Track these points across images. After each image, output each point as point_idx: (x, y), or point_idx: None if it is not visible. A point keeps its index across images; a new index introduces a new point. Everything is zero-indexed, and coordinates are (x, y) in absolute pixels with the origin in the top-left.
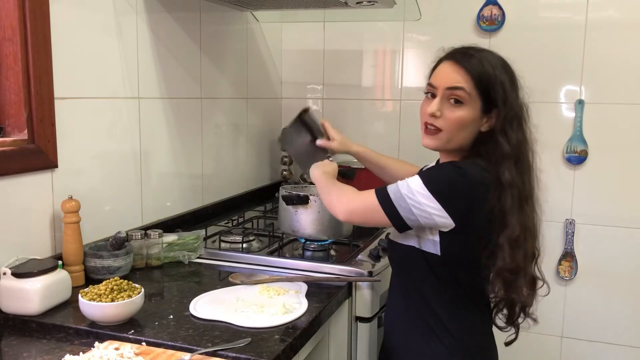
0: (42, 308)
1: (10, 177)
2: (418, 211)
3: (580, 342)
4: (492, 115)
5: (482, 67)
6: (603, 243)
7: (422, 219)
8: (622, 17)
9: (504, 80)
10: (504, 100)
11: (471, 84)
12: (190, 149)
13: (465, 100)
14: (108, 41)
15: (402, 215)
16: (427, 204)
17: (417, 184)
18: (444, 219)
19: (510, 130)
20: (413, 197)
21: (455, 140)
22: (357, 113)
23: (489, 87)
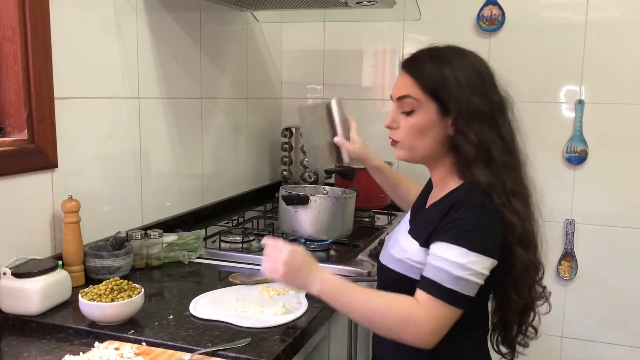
0: (42, 308)
1: (10, 177)
2: (480, 279)
3: (580, 342)
4: (451, 117)
5: (427, 69)
6: (603, 243)
7: (483, 277)
8: (622, 17)
9: (457, 77)
10: (457, 99)
11: (417, 89)
12: (190, 149)
13: (415, 106)
14: (108, 41)
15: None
16: (486, 267)
17: (460, 253)
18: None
19: (469, 130)
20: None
21: (419, 148)
22: (357, 113)
23: (438, 88)
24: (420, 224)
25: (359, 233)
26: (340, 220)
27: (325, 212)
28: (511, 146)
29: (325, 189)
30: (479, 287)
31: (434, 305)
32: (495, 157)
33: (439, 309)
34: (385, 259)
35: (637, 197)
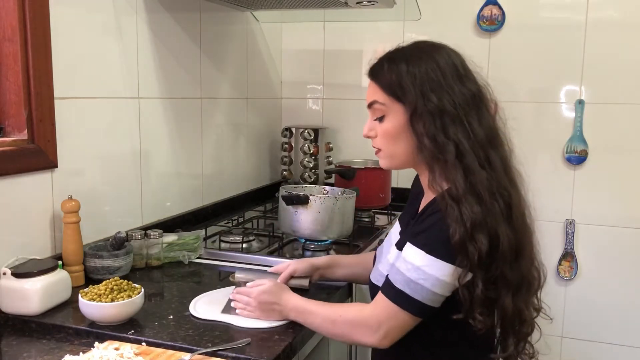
0: (42, 308)
1: (10, 177)
2: (440, 290)
3: (580, 342)
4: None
5: (384, 71)
6: (603, 243)
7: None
8: (622, 17)
9: (413, 74)
10: (414, 97)
11: (381, 93)
12: (190, 149)
13: (384, 111)
14: (108, 41)
15: (426, 304)
16: (443, 274)
17: (420, 257)
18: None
19: (426, 128)
20: (427, 280)
21: (398, 154)
22: (357, 113)
23: (396, 89)
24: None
25: (358, 233)
26: (340, 220)
27: (325, 212)
28: (486, 143)
29: (325, 189)
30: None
31: (384, 304)
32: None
33: (388, 309)
34: (375, 277)
35: (637, 197)
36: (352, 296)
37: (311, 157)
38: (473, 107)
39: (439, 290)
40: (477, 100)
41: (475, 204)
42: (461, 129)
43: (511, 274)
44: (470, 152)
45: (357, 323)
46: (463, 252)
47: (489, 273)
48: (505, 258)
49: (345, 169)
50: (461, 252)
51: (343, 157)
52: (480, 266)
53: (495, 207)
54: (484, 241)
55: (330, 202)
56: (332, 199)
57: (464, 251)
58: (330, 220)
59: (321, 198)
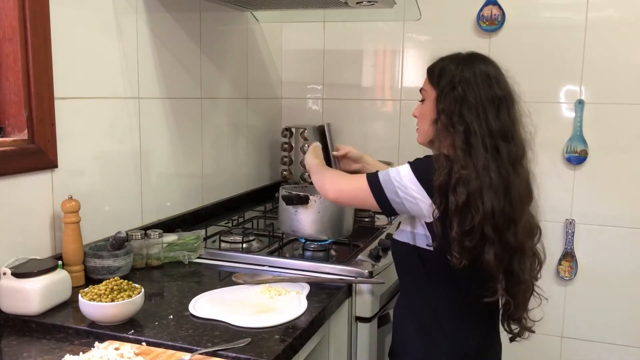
0: (42, 308)
1: (10, 177)
2: (403, 194)
3: (580, 342)
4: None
5: (437, 64)
6: (603, 243)
7: (407, 202)
8: (622, 17)
9: (454, 70)
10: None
11: (427, 81)
12: (190, 149)
13: (424, 96)
14: (108, 41)
15: (388, 197)
16: (412, 188)
17: (405, 169)
18: (427, 205)
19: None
20: (400, 180)
21: (425, 129)
22: (357, 113)
23: (436, 78)
24: None
25: (358, 233)
26: (340, 220)
27: (325, 212)
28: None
29: None
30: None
31: (360, 177)
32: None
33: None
34: (395, 232)
35: (637, 197)
36: (352, 296)
37: None
38: (493, 106)
39: (402, 195)
40: (498, 102)
41: (467, 169)
42: (476, 118)
43: (497, 236)
44: (479, 136)
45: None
46: (441, 194)
47: (464, 224)
48: (488, 219)
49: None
50: (439, 193)
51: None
52: (456, 213)
53: (486, 179)
54: (463, 196)
55: (330, 202)
56: None
57: (443, 194)
58: (330, 220)
59: (321, 198)
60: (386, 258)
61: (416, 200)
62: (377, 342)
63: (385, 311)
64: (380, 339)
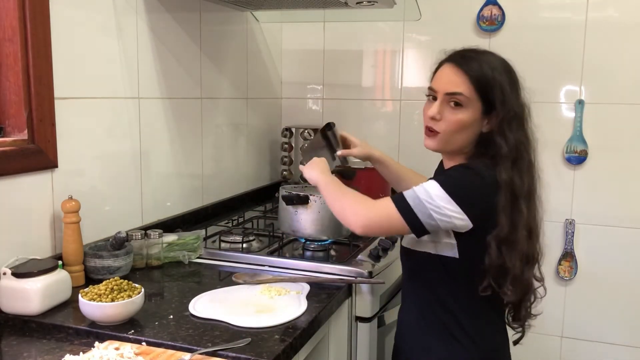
0: (42, 308)
1: (10, 177)
2: (438, 215)
3: (580, 342)
4: (492, 117)
5: (481, 70)
6: (603, 243)
7: (442, 222)
8: (622, 17)
9: (503, 82)
10: (503, 102)
11: (470, 88)
12: (190, 149)
13: (464, 103)
14: (108, 41)
15: (422, 220)
16: (446, 207)
17: (435, 188)
18: (463, 221)
19: (509, 131)
20: (432, 201)
21: (454, 141)
22: (357, 113)
23: (488, 90)
24: None
25: None
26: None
27: (325, 212)
28: (532, 147)
29: None
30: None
31: (385, 202)
32: (524, 158)
33: (388, 204)
34: (407, 242)
35: (637, 197)
36: (352, 296)
37: None
38: (529, 115)
39: (437, 217)
40: (529, 108)
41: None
42: (525, 134)
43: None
44: (529, 154)
45: (359, 201)
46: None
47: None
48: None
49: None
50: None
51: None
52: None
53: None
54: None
55: None
56: None
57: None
58: (330, 220)
59: (321, 198)
60: (386, 258)
61: (451, 218)
62: (377, 342)
63: (385, 311)
64: (380, 339)
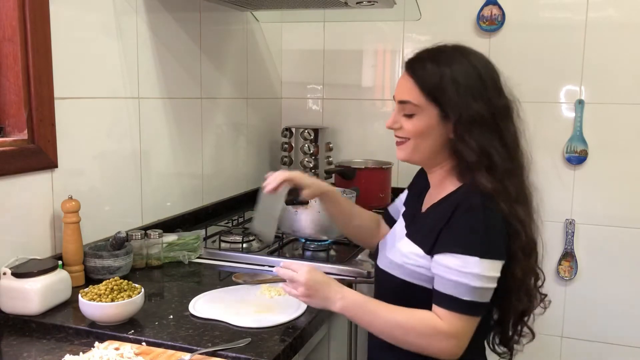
0: (42, 308)
1: (10, 177)
2: (492, 284)
3: (580, 342)
4: (449, 122)
5: (428, 73)
6: (603, 243)
7: (495, 282)
8: (622, 17)
9: (458, 81)
10: (456, 104)
11: (418, 94)
12: (190, 149)
13: (415, 111)
14: (108, 41)
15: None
16: (495, 270)
17: (475, 263)
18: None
19: (469, 136)
20: (481, 276)
21: (420, 150)
22: (357, 113)
23: (438, 94)
24: (419, 228)
25: None
26: None
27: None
28: (514, 152)
29: None
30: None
31: (455, 319)
32: (497, 163)
33: (461, 322)
34: (385, 265)
35: (637, 197)
36: None
37: (311, 157)
38: (505, 117)
39: (494, 284)
40: (508, 109)
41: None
42: (497, 137)
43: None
44: (504, 160)
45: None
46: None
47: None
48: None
49: (345, 169)
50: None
51: (343, 157)
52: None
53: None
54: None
55: None
56: None
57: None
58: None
59: None
60: None
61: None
62: None
63: None
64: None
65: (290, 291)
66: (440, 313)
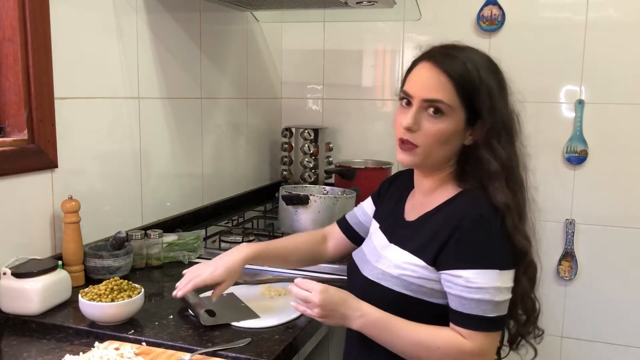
0: (42, 308)
1: (10, 177)
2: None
3: (580, 342)
4: (477, 127)
5: (466, 72)
6: (603, 243)
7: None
8: (622, 17)
9: (491, 85)
10: (491, 109)
11: (453, 93)
12: (190, 149)
13: (446, 111)
14: (108, 41)
15: (504, 315)
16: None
17: (487, 276)
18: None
19: (497, 144)
20: (493, 287)
21: (434, 156)
22: (357, 113)
23: (474, 95)
24: (412, 236)
25: None
26: None
27: (325, 212)
28: (522, 164)
29: (325, 189)
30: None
31: (481, 338)
32: (516, 175)
33: (487, 339)
34: (375, 276)
35: (637, 197)
36: None
37: (311, 157)
38: (518, 124)
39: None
40: (517, 118)
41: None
42: (514, 146)
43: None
44: (520, 170)
45: (460, 356)
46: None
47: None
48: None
49: (345, 169)
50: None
51: (343, 157)
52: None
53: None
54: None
55: (330, 202)
56: (332, 199)
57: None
58: (330, 220)
59: (321, 198)
60: None
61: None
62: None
63: None
64: None
65: (304, 311)
66: (465, 333)
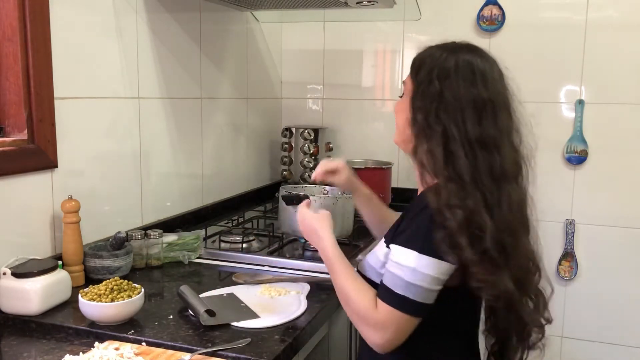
0: (42, 308)
1: (10, 177)
2: (434, 285)
3: (580, 342)
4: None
5: (419, 53)
6: (603, 243)
7: (441, 283)
8: (622, 17)
9: (435, 63)
10: (423, 79)
11: (409, 75)
12: (190, 149)
13: (404, 89)
14: (108, 41)
15: (423, 303)
16: (437, 271)
17: (416, 258)
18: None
19: (416, 107)
20: (420, 273)
21: (399, 126)
22: (357, 113)
23: (418, 69)
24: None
25: (358, 233)
26: (340, 220)
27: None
28: (475, 142)
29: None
30: (441, 293)
31: (388, 312)
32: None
33: (392, 316)
34: (364, 269)
35: (637, 197)
36: None
37: (311, 157)
38: (474, 109)
39: (436, 287)
40: (482, 104)
41: (459, 191)
42: (454, 119)
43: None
44: (458, 141)
45: (364, 319)
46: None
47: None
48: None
49: None
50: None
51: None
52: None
53: (477, 195)
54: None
55: (330, 202)
56: (332, 199)
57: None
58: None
59: (321, 198)
60: None
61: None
62: None
63: None
64: None
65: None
66: (378, 301)
